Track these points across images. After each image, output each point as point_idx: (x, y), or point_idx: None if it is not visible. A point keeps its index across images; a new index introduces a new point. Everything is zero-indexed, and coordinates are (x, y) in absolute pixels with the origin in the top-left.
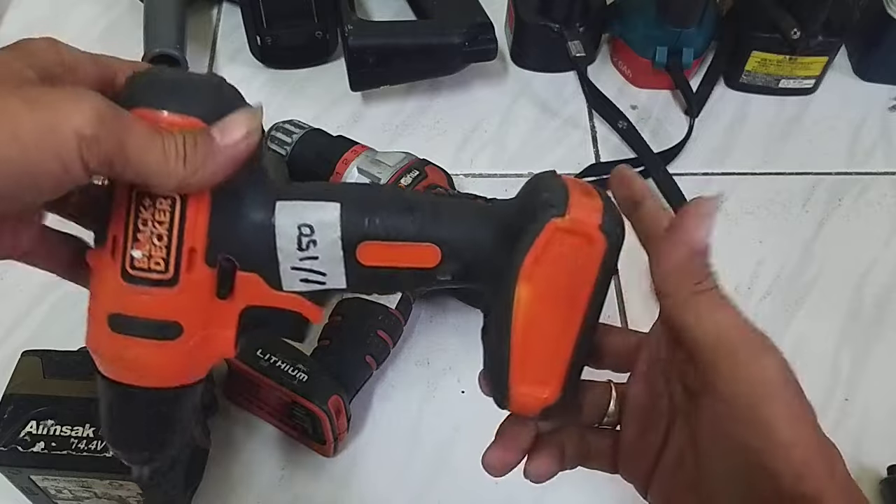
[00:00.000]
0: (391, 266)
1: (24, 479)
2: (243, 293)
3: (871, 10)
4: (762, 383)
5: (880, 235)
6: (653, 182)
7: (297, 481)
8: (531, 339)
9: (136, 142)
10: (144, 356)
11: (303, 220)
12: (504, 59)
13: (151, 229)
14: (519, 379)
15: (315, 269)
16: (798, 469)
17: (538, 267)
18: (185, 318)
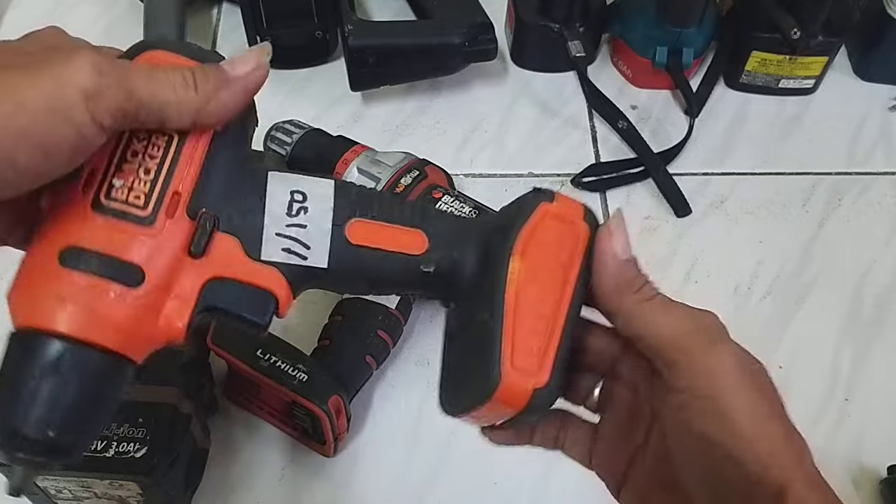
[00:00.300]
0: (378, 248)
1: None
2: (217, 257)
3: (871, 10)
4: (719, 375)
5: (880, 235)
6: (653, 182)
7: (297, 481)
8: (522, 318)
9: (143, 82)
10: (90, 297)
11: (297, 187)
12: (504, 59)
13: (140, 161)
14: (510, 358)
15: (300, 238)
16: (763, 460)
17: (530, 245)
18: (150, 266)
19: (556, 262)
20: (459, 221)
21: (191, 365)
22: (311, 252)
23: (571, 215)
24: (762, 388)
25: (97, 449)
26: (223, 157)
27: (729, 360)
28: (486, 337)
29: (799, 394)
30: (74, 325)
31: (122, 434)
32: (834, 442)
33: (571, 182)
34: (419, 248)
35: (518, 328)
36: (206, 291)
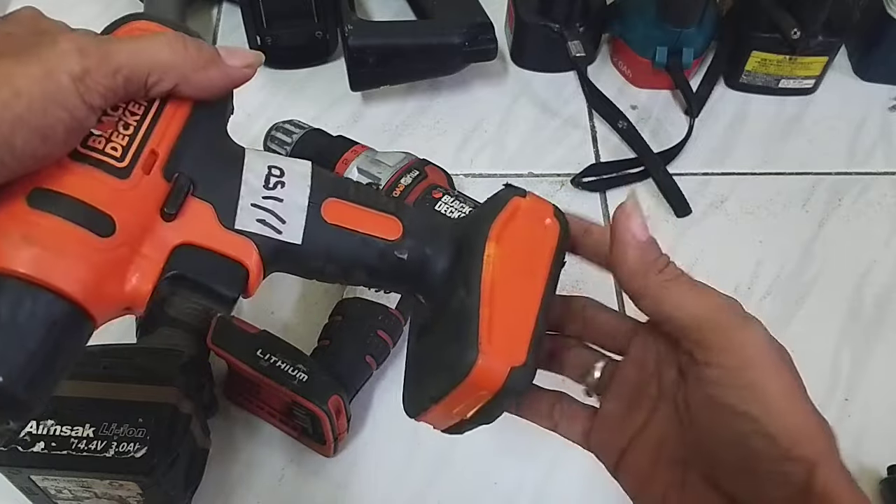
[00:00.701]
0: (353, 229)
1: (24, 479)
2: (189, 222)
3: (871, 10)
4: (751, 350)
5: (880, 235)
6: (653, 182)
7: (297, 481)
8: (498, 301)
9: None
10: (57, 240)
11: (274, 163)
12: (504, 59)
13: (121, 116)
14: (487, 339)
15: (276, 211)
16: (793, 434)
17: (504, 232)
18: (121, 218)
19: (529, 250)
20: (434, 217)
21: (191, 365)
22: (285, 227)
23: (542, 211)
24: (788, 363)
25: (97, 449)
26: (203, 126)
27: (760, 337)
28: (463, 317)
29: None
30: (37, 267)
31: (122, 434)
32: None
33: (571, 182)
34: (394, 234)
35: (495, 308)
36: (175, 257)
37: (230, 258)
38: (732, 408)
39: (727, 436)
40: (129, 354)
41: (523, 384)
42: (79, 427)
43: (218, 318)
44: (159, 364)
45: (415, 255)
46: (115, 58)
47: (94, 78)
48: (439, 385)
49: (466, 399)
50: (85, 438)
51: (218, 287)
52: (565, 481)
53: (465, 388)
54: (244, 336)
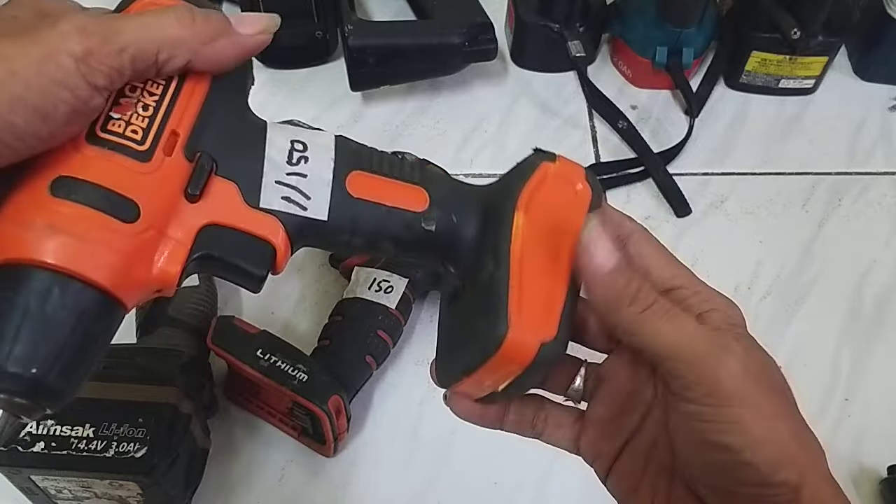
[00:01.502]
0: (379, 202)
1: (24, 479)
2: (214, 202)
3: (871, 10)
4: (726, 383)
5: (880, 235)
6: (653, 182)
7: (297, 481)
8: (527, 272)
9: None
10: (83, 229)
11: (297, 137)
12: (504, 59)
13: (139, 97)
14: (517, 312)
15: (300, 187)
16: (775, 461)
17: (533, 201)
18: (145, 202)
19: (559, 218)
20: (460, 185)
21: (191, 365)
22: (311, 203)
23: (573, 176)
24: (771, 388)
25: (97, 449)
26: (222, 101)
27: (735, 367)
28: (492, 291)
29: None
30: (65, 257)
31: (122, 434)
32: (834, 442)
33: None
34: (421, 205)
35: (525, 280)
36: (202, 237)
37: (257, 237)
38: (710, 439)
39: (707, 463)
40: (129, 354)
41: (554, 357)
42: (79, 427)
43: (218, 318)
44: (159, 364)
45: (442, 226)
46: (119, 36)
47: (97, 58)
48: (470, 358)
49: (498, 372)
50: (85, 438)
51: (246, 266)
52: (565, 481)
53: (495, 362)
54: (244, 336)
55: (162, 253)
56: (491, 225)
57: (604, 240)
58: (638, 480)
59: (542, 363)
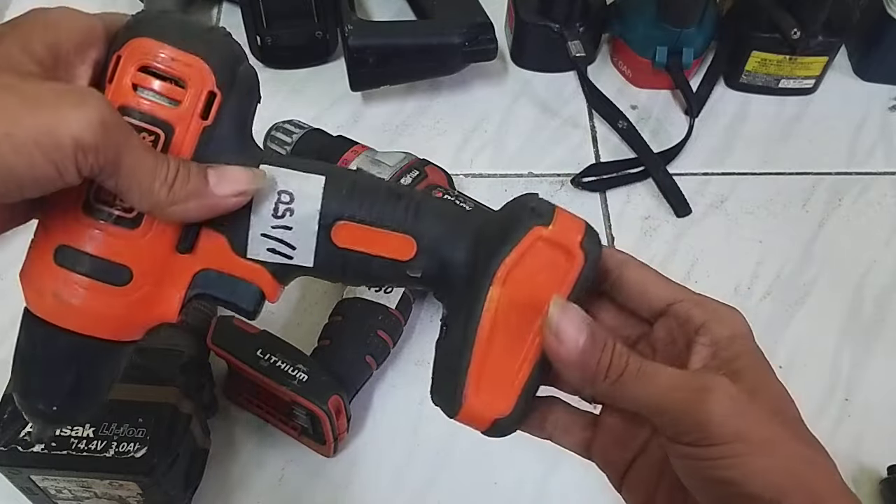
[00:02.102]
0: (364, 252)
1: (24, 479)
2: (204, 253)
3: (871, 10)
4: (715, 425)
5: (880, 235)
6: (653, 182)
7: (297, 481)
8: (494, 345)
9: (132, 158)
10: (84, 297)
11: (285, 187)
12: (504, 59)
13: None
14: (475, 385)
15: (286, 240)
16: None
17: (515, 272)
18: (137, 266)
19: (538, 292)
20: (454, 221)
21: (191, 365)
22: (296, 252)
23: (567, 241)
24: (767, 411)
25: (97, 449)
26: (213, 150)
27: (720, 405)
28: (457, 358)
29: (799, 394)
30: (72, 323)
31: (122, 434)
32: (834, 442)
33: (571, 182)
34: (406, 255)
35: (489, 355)
36: (196, 280)
37: (246, 281)
38: (711, 476)
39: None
40: None
41: (507, 431)
42: (79, 427)
43: (218, 318)
44: (159, 364)
45: (428, 273)
46: (124, 155)
47: (98, 156)
48: (442, 405)
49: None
50: (85, 438)
51: (238, 303)
52: (565, 481)
53: (458, 421)
54: (244, 336)
55: (161, 297)
56: (471, 283)
57: (572, 315)
58: (653, 492)
59: (497, 433)
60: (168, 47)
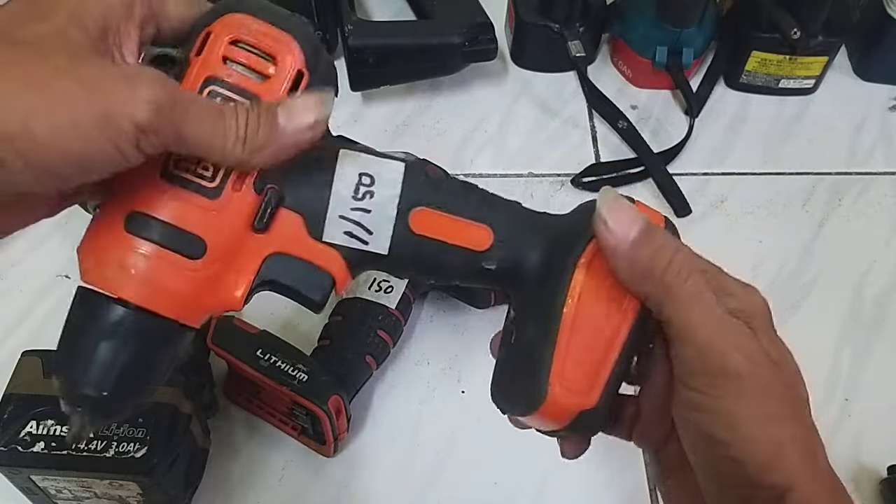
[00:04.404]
0: (440, 240)
1: (24, 479)
2: (279, 233)
3: (871, 10)
4: (728, 377)
5: (880, 235)
6: (653, 182)
7: (297, 481)
8: (579, 334)
9: (194, 128)
10: (151, 267)
11: (366, 170)
12: (504, 59)
13: None
14: (559, 375)
15: (363, 223)
16: (762, 461)
17: (597, 259)
18: (212, 238)
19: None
20: (527, 217)
21: (191, 365)
22: (372, 237)
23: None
24: (777, 389)
25: (97, 449)
26: None
27: (740, 361)
28: (539, 347)
29: None
30: (134, 294)
31: (122, 434)
32: (834, 442)
33: (571, 182)
34: (483, 245)
35: (573, 343)
36: (267, 265)
37: (318, 267)
38: (704, 431)
39: (701, 457)
40: None
41: (592, 427)
42: None
43: (218, 318)
44: None
45: (503, 265)
46: (186, 127)
47: (157, 135)
48: (515, 404)
49: (540, 424)
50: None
51: (307, 293)
52: (565, 481)
53: (536, 417)
54: (244, 336)
55: (228, 281)
56: (552, 272)
57: (622, 209)
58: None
59: (581, 428)
60: (261, 22)
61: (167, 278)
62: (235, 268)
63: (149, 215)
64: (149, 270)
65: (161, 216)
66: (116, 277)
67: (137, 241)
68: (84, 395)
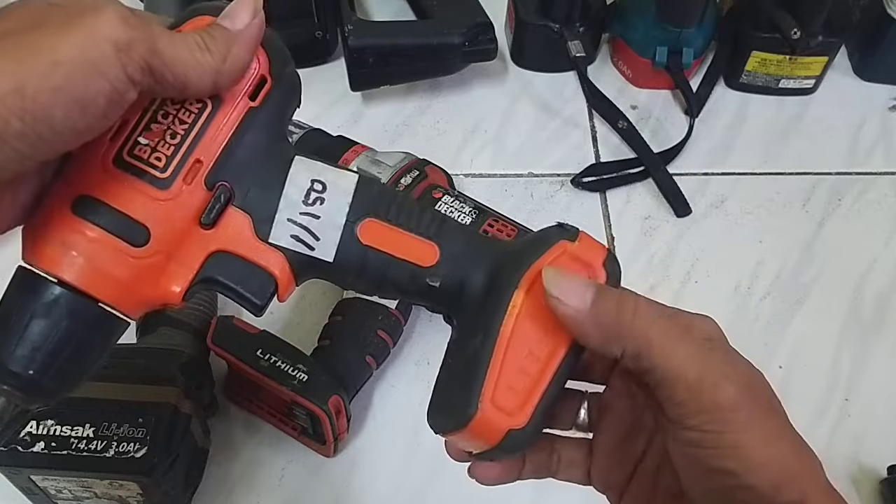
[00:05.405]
0: (387, 252)
1: (24, 479)
2: (225, 231)
3: (871, 10)
4: (725, 410)
5: (880, 235)
6: (653, 182)
7: (297, 481)
8: (513, 354)
9: (166, 42)
10: (93, 250)
11: (319, 177)
12: (504, 59)
13: (169, 125)
14: (491, 393)
15: (311, 228)
16: (776, 481)
17: (537, 282)
18: (156, 228)
19: None
20: (477, 239)
21: (191, 365)
22: (319, 244)
23: (591, 257)
24: (765, 406)
25: (97, 449)
26: (254, 132)
27: (732, 391)
28: (473, 364)
29: (799, 394)
30: (74, 275)
31: (122, 434)
32: (834, 442)
33: (571, 182)
34: (429, 261)
35: (507, 363)
36: (210, 262)
37: (262, 268)
38: (712, 465)
39: (710, 489)
40: (129, 354)
41: (519, 447)
42: (79, 427)
43: (218, 318)
44: (159, 364)
45: (447, 282)
46: (157, 39)
47: (136, 50)
48: (447, 421)
49: (468, 442)
50: (85, 438)
51: (248, 294)
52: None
53: (463, 434)
54: (244, 336)
55: (168, 274)
56: (493, 294)
57: (570, 278)
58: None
59: (508, 448)
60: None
61: (108, 263)
62: (178, 261)
63: (97, 199)
64: (91, 253)
65: (109, 201)
66: (58, 257)
67: (83, 224)
68: (11, 372)
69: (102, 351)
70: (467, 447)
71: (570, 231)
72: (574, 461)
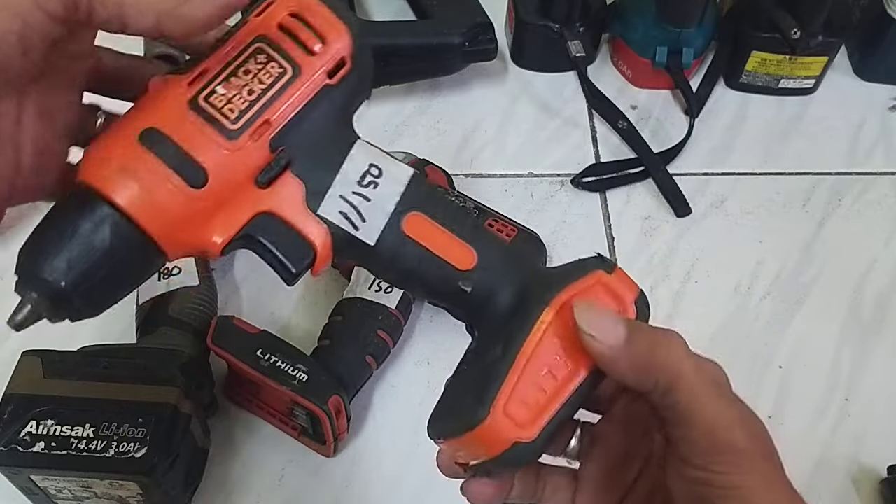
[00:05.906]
0: (427, 247)
1: (24, 479)
2: (278, 194)
3: (871, 10)
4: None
5: (880, 235)
6: (653, 182)
7: (297, 481)
8: (535, 367)
9: None
10: (151, 181)
11: (377, 162)
12: (504, 59)
13: (248, 81)
14: (504, 402)
15: (360, 209)
16: None
17: (569, 304)
18: (215, 174)
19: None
20: (513, 254)
21: (191, 365)
22: (364, 225)
23: (624, 292)
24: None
25: (97, 449)
26: (325, 108)
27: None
28: (491, 373)
29: (799, 394)
30: (126, 200)
31: (122, 434)
32: (834, 442)
33: (571, 182)
34: (465, 265)
35: (525, 377)
36: (255, 221)
37: (304, 238)
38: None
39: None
40: (129, 354)
41: (522, 461)
42: (79, 427)
43: (218, 318)
44: (159, 364)
45: (478, 289)
46: None
47: None
48: (451, 424)
49: (469, 449)
50: (85, 438)
51: (286, 260)
52: None
53: (468, 439)
54: (244, 336)
55: (214, 223)
56: (521, 309)
57: (602, 315)
58: None
59: (511, 460)
60: (324, 7)
61: (162, 196)
62: (226, 212)
63: (165, 134)
64: (148, 184)
65: (176, 139)
66: (114, 179)
67: (147, 154)
68: (43, 280)
69: (134, 283)
70: (466, 456)
71: (607, 263)
72: (559, 488)
